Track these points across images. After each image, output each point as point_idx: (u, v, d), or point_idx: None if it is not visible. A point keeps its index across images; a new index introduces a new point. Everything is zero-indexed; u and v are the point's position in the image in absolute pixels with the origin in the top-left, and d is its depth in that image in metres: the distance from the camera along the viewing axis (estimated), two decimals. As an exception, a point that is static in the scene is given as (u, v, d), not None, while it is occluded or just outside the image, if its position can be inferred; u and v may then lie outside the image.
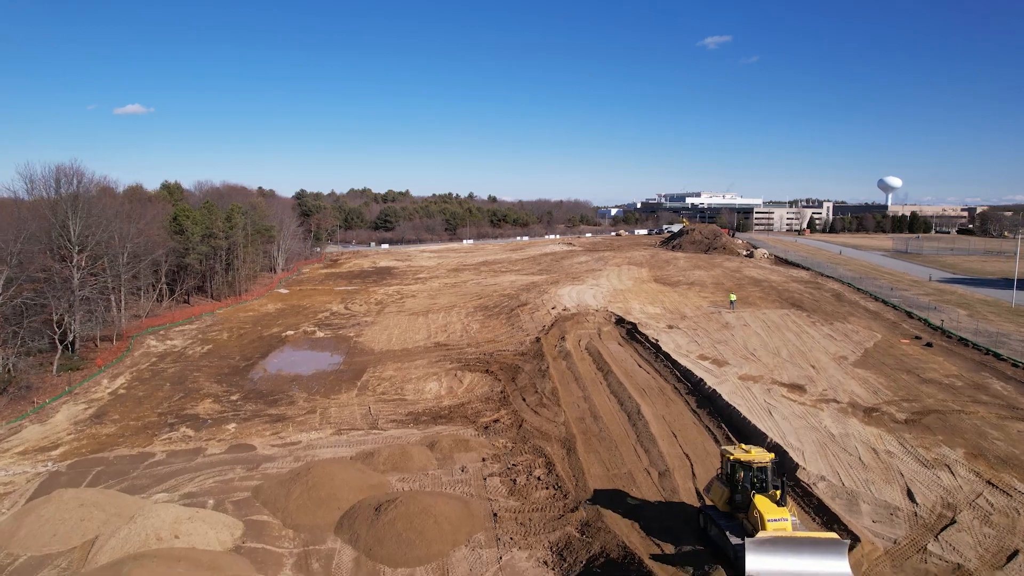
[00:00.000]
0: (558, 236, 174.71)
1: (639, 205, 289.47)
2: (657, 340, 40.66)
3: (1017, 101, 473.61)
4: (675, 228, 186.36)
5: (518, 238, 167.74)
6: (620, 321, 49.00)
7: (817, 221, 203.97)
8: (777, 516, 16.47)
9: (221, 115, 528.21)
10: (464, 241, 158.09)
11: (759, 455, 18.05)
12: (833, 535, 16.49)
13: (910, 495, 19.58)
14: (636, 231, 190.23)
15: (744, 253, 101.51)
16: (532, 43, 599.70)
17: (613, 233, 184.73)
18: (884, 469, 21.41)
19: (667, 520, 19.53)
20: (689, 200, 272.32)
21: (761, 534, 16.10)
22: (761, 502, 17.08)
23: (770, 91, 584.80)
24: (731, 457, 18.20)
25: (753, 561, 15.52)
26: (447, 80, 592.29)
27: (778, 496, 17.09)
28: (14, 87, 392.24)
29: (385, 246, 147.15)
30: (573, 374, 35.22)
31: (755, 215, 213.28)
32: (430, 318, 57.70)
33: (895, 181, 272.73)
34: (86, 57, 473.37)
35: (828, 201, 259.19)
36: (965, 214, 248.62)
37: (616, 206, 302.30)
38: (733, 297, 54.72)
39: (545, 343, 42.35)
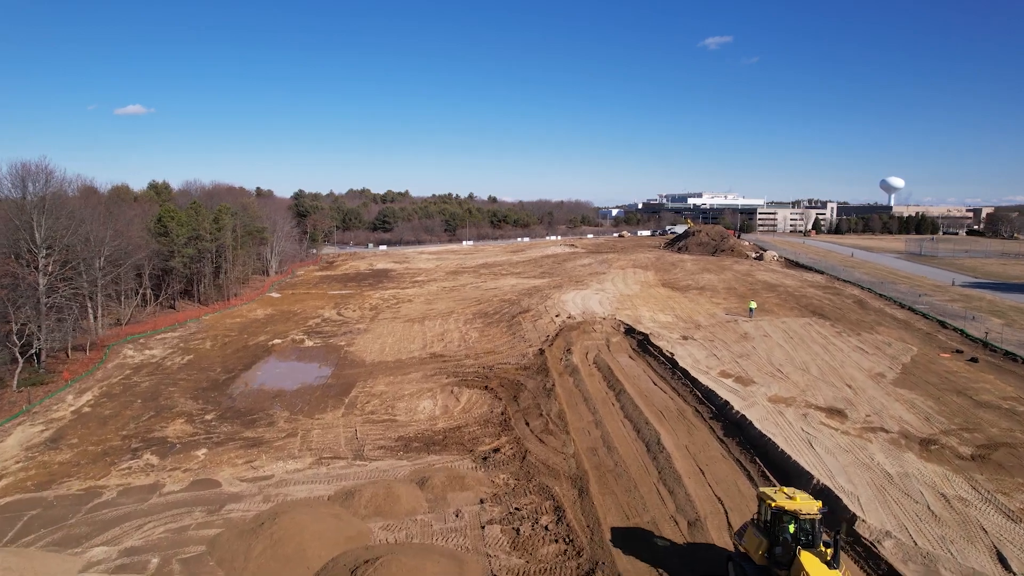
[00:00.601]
0: (559, 237, 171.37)
1: (640, 206, 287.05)
2: (672, 354, 37.12)
3: (1016, 102, 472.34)
4: (679, 229, 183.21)
5: (519, 239, 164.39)
6: (630, 331, 45.46)
7: (822, 222, 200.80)
8: None
9: (222, 116, 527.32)
10: (464, 242, 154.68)
11: (806, 504, 14.83)
12: None
13: (1002, 560, 16.10)
14: (639, 232, 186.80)
15: (753, 256, 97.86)
16: (533, 43, 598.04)
17: (616, 234, 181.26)
18: (961, 523, 17.94)
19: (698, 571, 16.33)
20: (691, 201, 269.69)
21: None
22: (809, 562, 13.92)
23: (770, 92, 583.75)
24: (772, 504, 14.97)
25: None
26: (447, 80, 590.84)
27: (829, 555, 13.90)
28: (15, 88, 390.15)
29: (383, 247, 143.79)
30: (582, 393, 31.73)
31: (758, 216, 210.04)
32: (426, 325, 54.33)
33: (897, 182, 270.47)
34: (86, 57, 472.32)
35: (832, 202, 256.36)
36: (970, 215, 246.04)
37: (617, 206, 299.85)
38: (753, 304, 51.13)
39: (549, 356, 38.89)
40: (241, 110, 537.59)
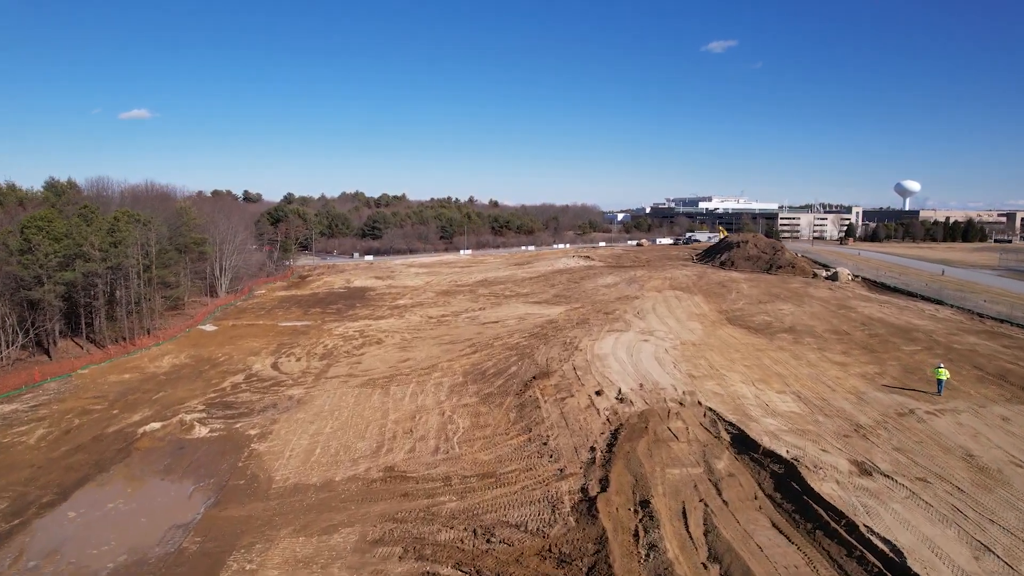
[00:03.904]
0: (568, 245, 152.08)
1: (648, 209, 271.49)
2: (897, 547, 16.86)
3: (1016, 105, 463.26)
4: (700, 237, 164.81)
5: (523, 248, 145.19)
6: (741, 440, 25.49)
7: (849, 227, 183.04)
8: None
9: (224, 119, 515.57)
10: (461, 252, 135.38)
11: None
12: None
13: None
14: (659, 240, 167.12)
15: (824, 275, 77.15)
16: (536, 45, 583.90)
17: (634, 243, 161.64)
18: None
19: None
20: (701, 205, 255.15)
21: None
22: None
23: (775, 95, 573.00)
24: None
25: None
26: (447, 83, 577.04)
27: None
28: (16, 90, 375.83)
29: (369, 258, 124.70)
30: None
31: (779, 221, 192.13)
32: (391, 395, 35.12)
33: (913, 185, 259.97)
34: (90, 61, 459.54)
35: (857, 206, 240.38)
36: (1003, 219, 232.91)
37: (623, 210, 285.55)
38: (943, 375, 30.02)
39: (608, 522, 19.15)
40: (243, 114, 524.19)
